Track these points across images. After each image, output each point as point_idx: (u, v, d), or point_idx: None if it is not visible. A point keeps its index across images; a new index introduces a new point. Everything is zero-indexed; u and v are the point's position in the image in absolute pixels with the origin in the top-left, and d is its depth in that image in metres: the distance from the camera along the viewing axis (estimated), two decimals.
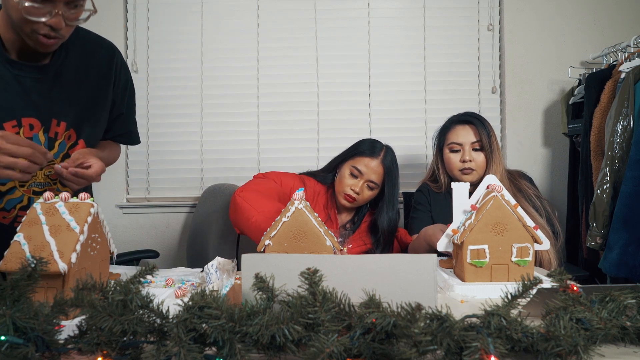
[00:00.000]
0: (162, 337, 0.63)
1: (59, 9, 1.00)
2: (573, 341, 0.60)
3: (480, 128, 1.63)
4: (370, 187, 1.65)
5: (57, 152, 1.19)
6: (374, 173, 1.63)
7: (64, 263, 0.87)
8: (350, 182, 1.64)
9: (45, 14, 1.00)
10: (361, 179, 1.64)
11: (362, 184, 1.64)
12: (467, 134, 1.64)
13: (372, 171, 1.63)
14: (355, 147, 1.71)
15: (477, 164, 1.62)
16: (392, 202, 1.66)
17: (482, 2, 2.50)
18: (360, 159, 1.65)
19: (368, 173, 1.63)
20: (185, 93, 2.50)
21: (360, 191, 1.64)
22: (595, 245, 1.85)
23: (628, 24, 2.43)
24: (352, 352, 0.59)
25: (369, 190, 1.66)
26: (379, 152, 1.66)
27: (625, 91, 1.79)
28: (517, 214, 1.08)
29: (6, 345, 0.59)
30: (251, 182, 1.63)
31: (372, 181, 1.64)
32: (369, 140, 1.72)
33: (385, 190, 1.66)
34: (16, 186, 1.16)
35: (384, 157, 1.65)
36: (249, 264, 0.80)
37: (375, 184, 1.65)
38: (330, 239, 1.14)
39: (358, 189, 1.63)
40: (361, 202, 1.67)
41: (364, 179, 1.64)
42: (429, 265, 0.78)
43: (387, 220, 1.66)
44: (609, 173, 1.81)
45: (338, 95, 2.50)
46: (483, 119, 1.68)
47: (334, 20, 2.50)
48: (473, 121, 1.65)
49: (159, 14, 2.51)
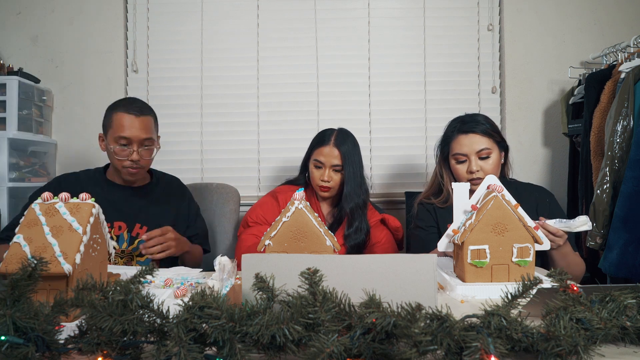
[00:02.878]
0: (162, 337, 0.63)
1: (135, 149, 1.54)
2: (573, 341, 0.60)
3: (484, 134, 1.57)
4: (336, 170, 1.74)
5: (135, 247, 1.61)
6: (332, 157, 1.72)
7: (69, 264, 0.86)
8: (318, 174, 1.75)
9: (127, 154, 1.54)
10: (325, 168, 1.74)
11: (328, 171, 1.73)
12: (471, 142, 1.56)
13: (330, 157, 1.72)
14: (312, 142, 1.82)
15: (486, 171, 1.55)
16: (353, 179, 1.72)
17: (482, 2, 2.50)
18: (318, 150, 1.75)
19: (328, 160, 1.73)
20: (185, 93, 2.50)
21: (329, 178, 1.73)
22: (595, 245, 1.85)
23: (628, 24, 2.43)
24: (352, 352, 0.59)
25: (337, 172, 1.74)
26: (330, 138, 1.74)
27: (625, 91, 1.79)
28: (517, 214, 1.08)
29: (6, 345, 0.59)
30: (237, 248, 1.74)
31: (335, 165, 1.73)
32: (322, 131, 1.81)
33: (345, 170, 1.73)
34: None
35: (334, 140, 1.73)
36: (249, 264, 0.80)
37: (340, 165, 1.73)
38: (330, 239, 1.14)
39: (326, 177, 1.73)
40: (336, 186, 1.75)
41: (326, 166, 1.73)
42: (429, 265, 0.78)
43: (349, 198, 1.71)
44: (609, 173, 1.81)
45: (338, 95, 2.50)
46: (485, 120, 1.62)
47: (334, 20, 2.50)
48: (476, 129, 1.58)
49: (159, 14, 2.51)
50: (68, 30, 2.48)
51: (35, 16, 2.48)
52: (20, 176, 2.21)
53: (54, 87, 2.47)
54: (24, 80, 2.23)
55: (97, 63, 2.48)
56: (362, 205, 1.74)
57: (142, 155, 1.56)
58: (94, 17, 2.48)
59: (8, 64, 2.28)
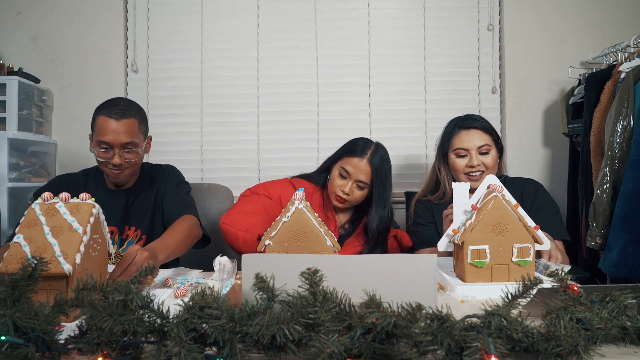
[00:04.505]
0: (162, 337, 0.63)
1: (117, 152, 1.51)
2: (573, 341, 0.60)
3: (485, 130, 1.63)
4: (360, 187, 1.64)
5: (124, 247, 1.58)
6: (362, 173, 1.61)
7: (69, 264, 0.86)
8: (340, 183, 1.63)
9: (109, 157, 1.52)
10: (350, 180, 1.63)
11: (351, 184, 1.63)
12: (472, 138, 1.62)
13: (359, 171, 1.61)
14: (344, 147, 1.70)
15: (486, 166, 1.61)
16: (382, 201, 1.64)
17: (482, 2, 2.50)
18: (348, 159, 1.63)
19: (356, 173, 1.61)
20: (185, 93, 2.50)
21: (349, 192, 1.62)
22: (595, 245, 1.85)
23: (628, 24, 2.43)
24: (353, 352, 0.59)
25: (359, 190, 1.64)
26: (367, 152, 1.63)
27: (625, 91, 1.79)
28: (517, 214, 1.08)
29: (6, 345, 0.59)
30: (235, 204, 1.66)
31: (361, 181, 1.62)
32: (358, 140, 1.69)
33: (374, 189, 1.64)
34: None
35: (371, 156, 1.62)
36: (250, 264, 0.80)
37: (365, 183, 1.63)
38: (331, 239, 1.14)
39: (347, 189, 1.62)
40: (353, 202, 1.66)
41: (352, 179, 1.62)
42: (429, 265, 0.78)
43: (376, 219, 1.63)
44: (609, 173, 1.81)
45: (338, 95, 2.50)
46: (483, 119, 1.68)
47: (334, 20, 2.50)
48: (477, 125, 1.64)
49: (159, 14, 2.51)
50: (68, 30, 2.48)
51: (35, 16, 2.47)
52: (20, 176, 2.21)
53: (54, 87, 2.47)
54: (24, 80, 2.23)
55: (97, 63, 2.48)
56: (388, 228, 1.67)
57: (126, 158, 1.53)
58: (94, 17, 2.48)
59: (8, 64, 2.28)
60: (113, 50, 2.49)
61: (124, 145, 1.51)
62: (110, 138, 1.49)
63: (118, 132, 1.49)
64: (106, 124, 1.49)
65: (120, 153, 1.51)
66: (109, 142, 1.49)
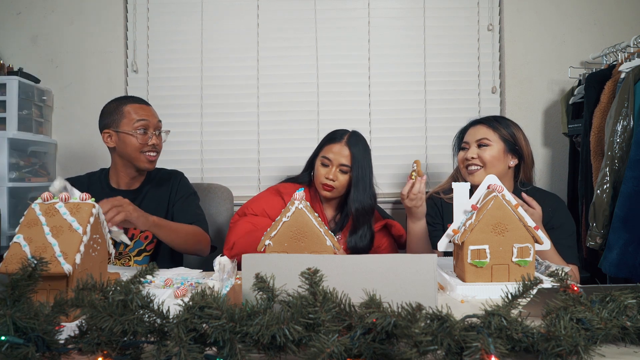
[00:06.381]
0: (162, 337, 0.63)
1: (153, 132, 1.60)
2: (573, 341, 0.60)
3: (492, 126, 1.62)
4: (343, 171, 1.68)
5: (132, 247, 1.63)
6: (342, 156, 1.67)
7: (69, 264, 0.86)
8: (324, 172, 1.69)
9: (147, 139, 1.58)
10: (332, 166, 1.68)
11: (335, 169, 1.67)
12: (475, 132, 1.64)
13: (339, 155, 1.67)
14: (323, 139, 1.77)
15: (483, 159, 1.59)
16: (361, 183, 1.67)
17: (482, 2, 2.50)
18: (329, 147, 1.70)
19: (337, 158, 1.67)
20: (185, 93, 2.50)
21: (334, 177, 1.67)
22: (595, 245, 1.85)
23: (628, 24, 2.43)
24: (353, 352, 0.59)
25: (343, 174, 1.68)
26: (343, 136, 1.70)
27: (625, 91, 1.79)
28: (517, 214, 1.08)
29: (6, 345, 0.59)
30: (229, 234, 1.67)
31: (343, 164, 1.67)
32: (335, 130, 1.76)
33: (352, 173, 1.67)
34: None
35: (348, 139, 1.69)
36: (249, 264, 0.80)
37: (347, 166, 1.67)
38: (331, 239, 1.14)
39: (332, 175, 1.67)
40: (339, 188, 1.69)
41: (334, 164, 1.68)
42: (429, 265, 0.78)
43: (356, 202, 1.65)
44: (609, 173, 1.81)
45: (338, 95, 2.50)
46: (498, 118, 1.67)
47: (334, 20, 2.50)
48: (483, 121, 1.66)
49: (159, 14, 2.51)
50: (68, 30, 2.48)
51: (35, 16, 2.47)
52: (20, 176, 2.20)
53: (54, 87, 2.47)
54: (24, 80, 2.23)
55: (97, 63, 2.48)
56: (369, 211, 1.68)
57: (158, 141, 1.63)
58: (94, 17, 2.48)
59: (8, 64, 2.28)
60: (113, 50, 2.49)
61: (157, 126, 1.62)
62: (148, 116, 1.59)
63: (152, 113, 1.62)
64: (138, 108, 1.59)
65: (156, 133, 1.61)
66: (147, 120, 1.58)
